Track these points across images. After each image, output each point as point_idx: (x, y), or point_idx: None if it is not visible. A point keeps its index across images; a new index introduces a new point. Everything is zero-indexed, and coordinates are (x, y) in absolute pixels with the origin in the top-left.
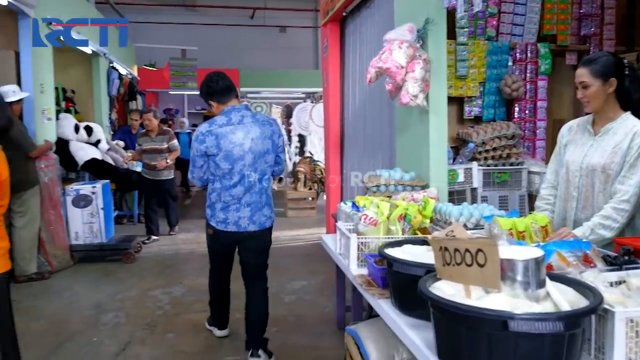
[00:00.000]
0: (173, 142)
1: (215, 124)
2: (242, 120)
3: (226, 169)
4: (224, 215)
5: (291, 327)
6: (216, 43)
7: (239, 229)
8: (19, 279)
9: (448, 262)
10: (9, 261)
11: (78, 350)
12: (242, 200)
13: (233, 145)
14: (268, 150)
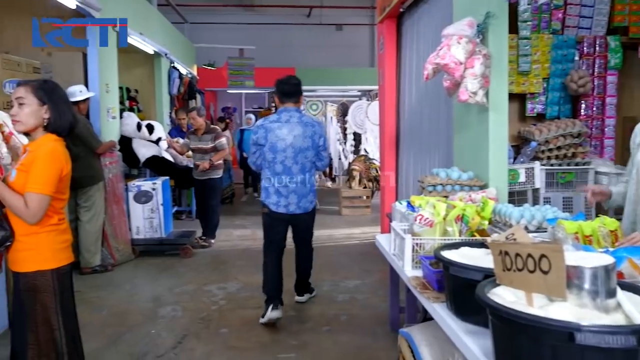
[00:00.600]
0: (220, 141)
1: (267, 120)
2: (289, 120)
3: (270, 158)
4: (277, 199)
5: (343, 326)
6: (273, 42)
7: (288, 211)
8: (84, 271)
9: (508, 268)
10: (72, 254)
11: (137, 342)
12: (289, 188)
13: (277, 139)
14: (308, 147)
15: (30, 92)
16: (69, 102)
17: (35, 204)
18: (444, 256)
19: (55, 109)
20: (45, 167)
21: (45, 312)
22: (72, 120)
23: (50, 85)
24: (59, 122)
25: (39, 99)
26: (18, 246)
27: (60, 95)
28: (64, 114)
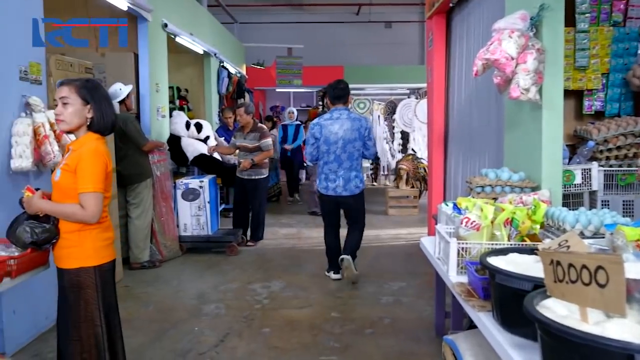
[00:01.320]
0: (265, 141)
1: (322, 118)
2: (339, 117)
3: (325, 150)
4: (326, 184)
5: (386, 329)
6: (321, 40)
7: (336, 193)
8: (134, 266)
9: (560, 279)
10: (114, 251)
11: (180, 339)
12: (337, 174)
13: (330, 133)
14: (356, 138)
15: (74, 91)
16: (111, 101)
17: (92, 202)
18: (490, 263)
19: (99, 108)
20: (92, 165)
21: (88, 308)
22: (114, 118)
23: (92, 84)
24: (102, 121)
25: (83, 98)
26: (62, 243)
27: (102, 94)
28: (107, 112)
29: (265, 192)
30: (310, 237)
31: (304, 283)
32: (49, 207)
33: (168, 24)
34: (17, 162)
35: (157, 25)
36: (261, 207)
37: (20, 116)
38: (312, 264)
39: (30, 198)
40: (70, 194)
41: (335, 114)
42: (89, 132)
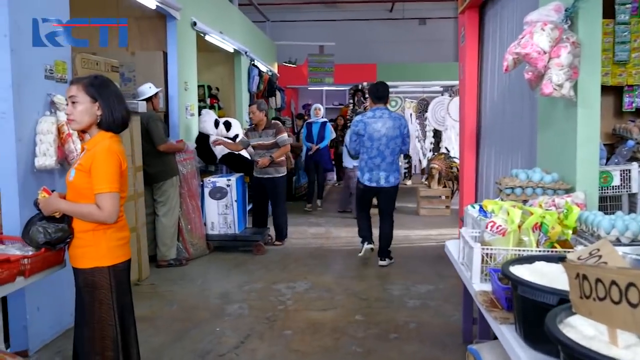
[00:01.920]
0: (281, 137)
1: (365, 116)
2: (382, 116)
3: (368, 145)
4: (369, 176)
5: (411, 334)
6: (354, 38)
7: (378, 185)
8: (160, 264)
9: (587, 295)
10: (129, 250)
11: (201, 339)
12: (380, 167)
13: (374, 130)
14: (397, 135)
15: (82, 89)
16: (121, 97)
17: (108, 203)
18: (512, 273)
19: (107, 104)
20: (106, 165)
21: (102, 308)
22: (124, 115)
23: (100, 81)
24: (112, 118)
25: (91, 96)
26: (76, 242)
27: (111, 90)
28: (116, 109)
29: (284, 190)
30: (338, 237)
31: (330, 284)
32: (67, 206)
33: (197, 23)
34: (41, 160)
35: (186, 23)
36: (282, 206)
37: (45, 114)
38: (338, 265)
39: (47, 198)
40: (85, 194)
41: (377, 112)
42: (101, 130)
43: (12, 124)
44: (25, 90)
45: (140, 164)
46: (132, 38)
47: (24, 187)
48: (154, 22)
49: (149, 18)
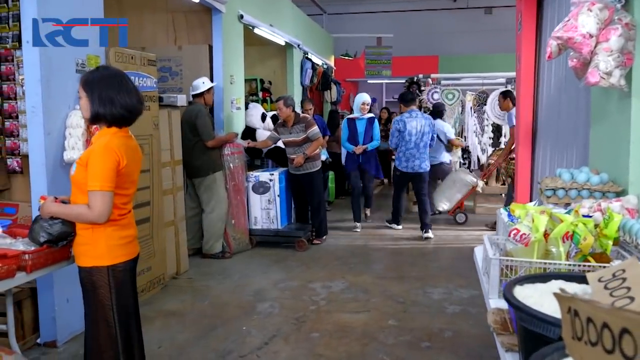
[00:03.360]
0: (312, 130)
1: (404, 116)
2: (416, 116)
3: (407, 139)
4: (406, 164)
5: (445, 344)
6: (413, 29)
7: (414, 170)
8: (206, 256)
9: (579, 336)
10: (135, 249)
11: (226, 338)
12: (415, 157)
13: (412, 127)
14: (427, 132)
15: (81, 85)
16: (121, 91)
17: (97, 202)
18: (514, 294)
19: (95, 99)
20: (100, 163)
21: (102, 308)
22: (116, 112)
23: (95, 75)
24: (102, 112)
25: (86, 91)
26: (77, 240)
27: (106, 84)
28: (109, 104)
29: (321, 184)
30: (385, 235)
31: (367, 285)
32: (57, 209)
33: (244, 15)
34: (70, 153)
35: (232, 16)
36: (320, 201)
37: (75, 109)
38: (380, 265)
39: (42, 204)
40: (83, 189)
41: (413, 113)
42: (105, 126)
43: (41, 117)
44: (55, 84)
45: (179, 158)
46: (180, 32)
47: (53, 181)
48: (201, 16)
49: (196, 12)
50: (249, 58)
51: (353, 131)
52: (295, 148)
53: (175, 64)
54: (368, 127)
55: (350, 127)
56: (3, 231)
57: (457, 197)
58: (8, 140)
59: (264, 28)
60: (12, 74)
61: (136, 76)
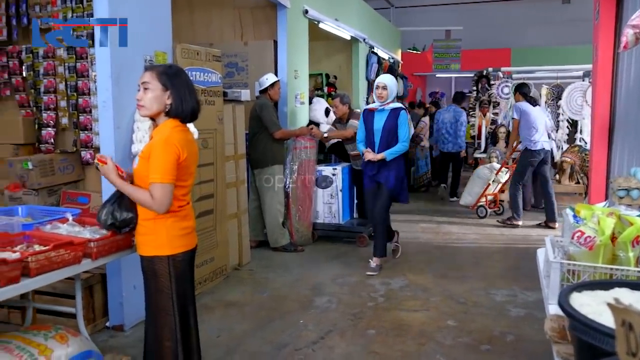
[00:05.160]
0: (351, 121)
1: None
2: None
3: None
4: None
5: (506, 348)
6: (484, 21)
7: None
8: (277, 249)
9: (634, 352)
10: (193, 240)
11: (282, 331)
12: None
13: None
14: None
15: (155, 77)
16: (193, 88)
17: (158, 193)
18: (571, 302)
19: (178, 94)
20: (161, 155)
21: (162, 296)
22: (194, 106)
23: (174, 70)
24: (181, 108)
25: (163, 84)
26: (139, 230)
27: (183, 80)
28: (186, 100)
29: None
30: (449, 233)
31: (428, 283)
32: (121, 184)
33: (309, 10)
34: (137, 146)
35: (297, 11)
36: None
37: None
38: (442, 263)
39: (103, 167)
40: (145, 181)
41: (450, 108)
42: (168, 119)
43: (111, 112)
44: (125, 80)
45: (242, 152)
46: (247, 28)
47: None
48: (266, 12)
49: (262, 8)
50: (314, 53)
51: (369, 127)
52: (354, 143)
53: (241, 59)
54: (390, 122)
55: (366, 121)
56: (74, 219)
57: (476, 192)
58: (82, 133)
59: (329, 22)
60: (86, 71)
61: (201, 72)
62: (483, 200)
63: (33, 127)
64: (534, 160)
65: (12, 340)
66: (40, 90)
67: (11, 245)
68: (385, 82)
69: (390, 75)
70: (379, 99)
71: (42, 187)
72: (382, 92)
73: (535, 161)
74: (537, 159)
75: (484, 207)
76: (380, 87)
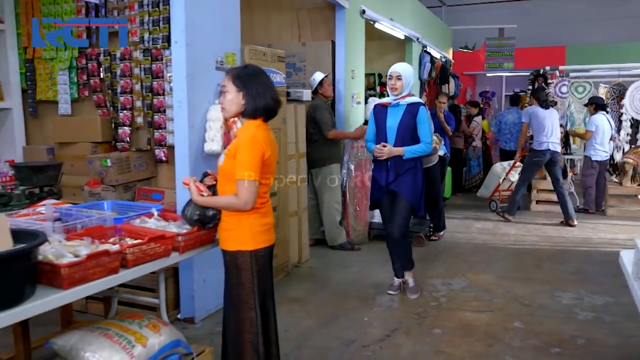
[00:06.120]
0: None
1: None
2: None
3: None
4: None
5: (578, 352)
6: (540, 19)
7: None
8: (334, 247)
9: None
10: (273, 236)
11: (348, 327)
12: None
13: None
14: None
15: (230, 79)
16: (268, 87)
17: (244, 190)
18: None
19: (250, 95)
20: (247, 153)
21: (244, 290)
22: (269, 104)
23: (247, 71)
24: (254, 107)
25: (237, 86)
26: (223, 225)
27: (257, 80)
28: (259, 99)
29: (439, 179)
30: (506, 234)
31: (489, 284)
32: (202, 201)
33: (366, 11)
34: (209, 145)
35: (355, 12)
36: (438, 196)
37: (214, 103)
38: (502, 264)
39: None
40: (231, 178)
41: (512, 110)
42: (250, 119)
43: (185, 111)
44: (198, 80)
45: (303, 151)
46: (304, 29)
47: (194, 170)
48: (324, 13)
49: (320, 9)
50: (367, 53)
51: (380, 125)
52: None
53: (299, 59)
54: (407, 119)
55: (378, 118)
56: (158, 214)
57: (492, 186)
58: (157, 132)
59: (385, 22)
60: (161, 72)
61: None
62: (497, 194)
63: (110, 126)
64: (539, 160)
65: (111, 327)
66: (117, 91)
67: (104, 238)
68: (400, 72)
69: (405, 64)
70: (393, 91)
71: (119, 184)
72: (396, 83)
73: (540, 161)
74: (543, 159)
75: (495, 201)
76: (394, 77)
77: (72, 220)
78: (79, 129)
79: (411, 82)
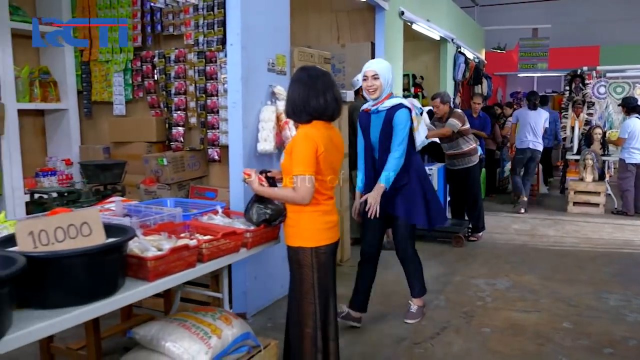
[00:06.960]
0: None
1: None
2: None
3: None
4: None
5: (631, 352)
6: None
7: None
8: None
9: None
10: (337, 234)
11: (397, 325)
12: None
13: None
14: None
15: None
16: (317, 88)
17: (300, 185)
18: None
19: (290, 97)
20: (301, 149)
21: (304, 285)
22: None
23: (296, 75)
24: (290, 110)
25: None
26: (287, 222)
27: (303, 82)
28: (298, 100)
29: (478, 179)
30: (545, 235)
31: (533, 285)
32: (262, 190)
33: (405, 12)
34: (262, 145)
35: (393, 13)
36: (477, 197)
37: (267, 104)
38: (544, 265)
39: (249, 182)
40: (290, 174)
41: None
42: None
43: (240, 112)
44: (252, 82)
45: (346, 152)
46: (343, 30)
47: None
48: (363, 14)
49: (359, 10)
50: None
51: (366, 137)
52: (451, 143)
53: (338, 61)
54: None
55: (364, 129)
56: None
57: None
58: (210, 132)
59: (422, 23)
60: (215, 74)
61: None
62: None
63: (164, 126)
64: (520, 157)
65: (187, 319)
66: (171, 92)
67: (175, 233)
68: (375, 69)
69: (381, 59)
70: (370, 94)
71: (174, 182)
72: (372, 83)
73: (521, 158)
74: (524, 156)
75: None
76: (369, 77)
77: (142, 217)
78: (134, 129)
79: (390, 80)
